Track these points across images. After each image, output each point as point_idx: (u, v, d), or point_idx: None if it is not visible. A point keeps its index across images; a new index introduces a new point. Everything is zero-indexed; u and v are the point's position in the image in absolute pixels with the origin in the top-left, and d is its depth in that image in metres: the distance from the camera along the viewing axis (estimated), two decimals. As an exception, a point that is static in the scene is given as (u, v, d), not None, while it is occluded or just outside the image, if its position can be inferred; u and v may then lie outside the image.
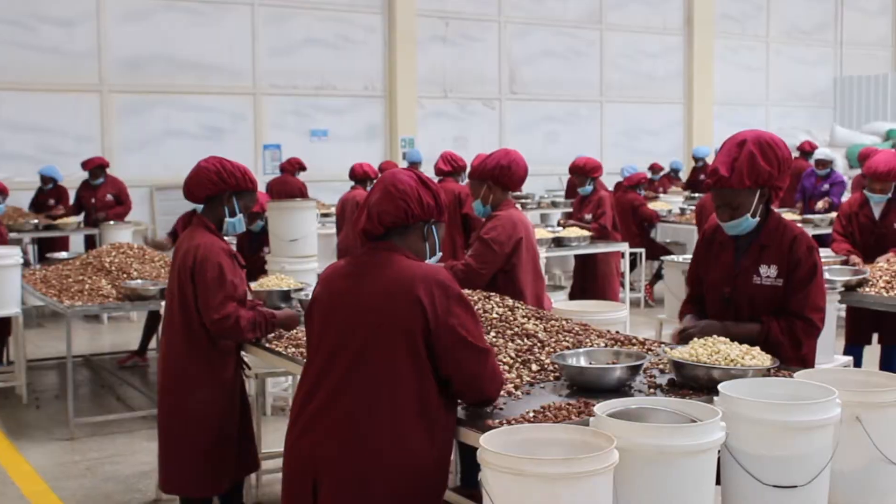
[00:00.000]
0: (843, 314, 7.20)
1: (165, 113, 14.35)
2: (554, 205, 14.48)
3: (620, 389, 3.56)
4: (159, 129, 14.31)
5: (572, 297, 9.58)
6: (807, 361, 4.01)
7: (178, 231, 8.99)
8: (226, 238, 4.82)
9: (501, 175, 5.39)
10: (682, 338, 4.00)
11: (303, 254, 8.05)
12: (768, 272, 4.01)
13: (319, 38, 15.53)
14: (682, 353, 3.65)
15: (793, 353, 3.97)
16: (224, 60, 14.78)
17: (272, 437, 6.24)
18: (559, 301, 7.27)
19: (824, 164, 12.38)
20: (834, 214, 9.63)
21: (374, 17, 15.96)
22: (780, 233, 4.05)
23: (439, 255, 3.50)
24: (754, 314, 4.02)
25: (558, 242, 9.21)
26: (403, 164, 14.09)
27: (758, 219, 4.05)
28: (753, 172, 3.94)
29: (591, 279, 9.49)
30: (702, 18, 19.51)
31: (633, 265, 11.96)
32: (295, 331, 4.82)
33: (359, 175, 10.53)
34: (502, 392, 3.50)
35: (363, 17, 15.90)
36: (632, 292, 12.12)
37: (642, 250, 11.92)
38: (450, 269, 5.12)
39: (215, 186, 4.70)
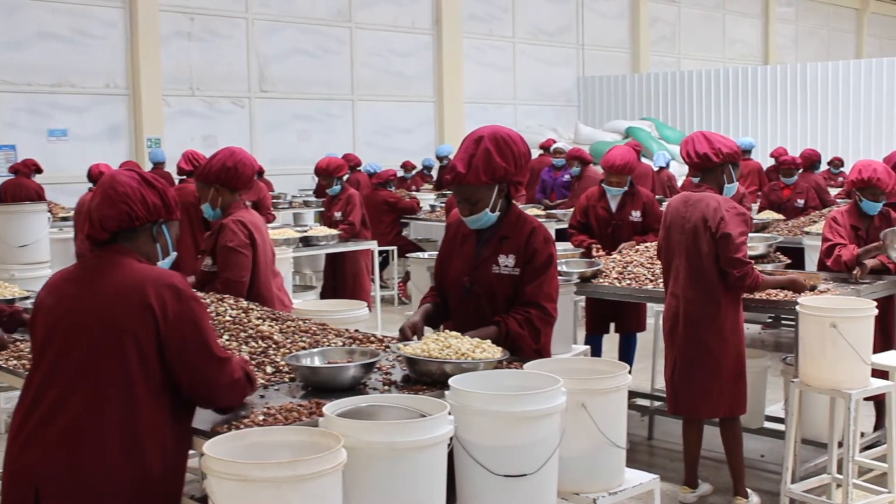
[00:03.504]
0: (584, 305, 7.46)
1: None
2: (306, 204, 14.40)
3: (355, 388, 3.53)
4: None
5: (323, 296, 9.51)
6: (543, 352, 4.11)
7: None
8: None
9: (228, 177, 5.19)
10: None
11: (33, 260, 7.66)
12: (507, 261, 4.10)
13: (54, 32, 14.77)
14: (414, 349, 3.66)
15: (535, 344, 4.05)
16: (-52, 54, 13.83)
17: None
18: (309, 300, 7.19)
19: (561, 152, 12.99)
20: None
21: (114, 11, 15.34)
22: (519, 225, 4.16)
23: (174, 255, 3.36)
24: (493, 303, 4.10)
25: (307, 242, 9.09)
26: (149, 165, 13.64)
27: (498, 213, 4.14)
28: (489, 169, 4.02)
29: (341, 278, 9.46)
30: (450, 19, 19.89)
31: (386, 263, 12.02)
32: (17, 341, 4.51)
33: (96, 176, 10.10)
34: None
35: (102, 11, 15.24)
36: (386, 290, 12.19)
37: (394, 248, 11.99)
38: (210, 294, 4.89)
39: None
